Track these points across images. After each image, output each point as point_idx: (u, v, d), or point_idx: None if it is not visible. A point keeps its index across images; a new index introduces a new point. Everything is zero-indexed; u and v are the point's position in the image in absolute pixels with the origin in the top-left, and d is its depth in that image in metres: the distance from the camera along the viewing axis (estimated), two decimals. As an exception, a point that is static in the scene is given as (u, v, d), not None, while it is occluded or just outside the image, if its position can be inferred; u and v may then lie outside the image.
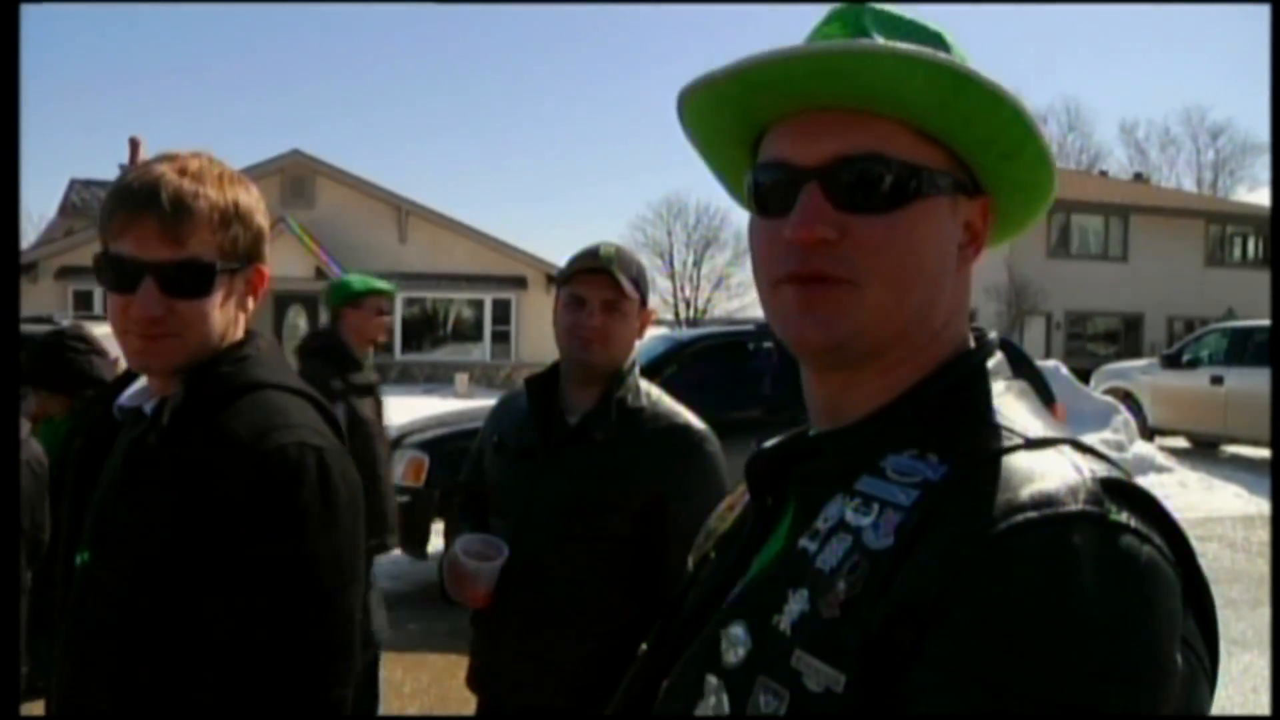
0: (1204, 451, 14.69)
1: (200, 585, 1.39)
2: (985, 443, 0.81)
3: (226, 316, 1.53)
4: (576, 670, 2.17)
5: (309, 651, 1.41)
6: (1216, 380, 13.98)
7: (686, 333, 9.76)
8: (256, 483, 1.40)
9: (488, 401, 4.58)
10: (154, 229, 1.43)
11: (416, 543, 7.00)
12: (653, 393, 2.34)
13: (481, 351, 28.32)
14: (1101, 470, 0.77)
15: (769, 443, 1.00)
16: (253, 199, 1.54)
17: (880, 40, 0.86)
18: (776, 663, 0.78)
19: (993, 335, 0.96)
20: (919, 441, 0.84)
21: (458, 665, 2.54)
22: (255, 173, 24.52)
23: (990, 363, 0.92)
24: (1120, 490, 0.75)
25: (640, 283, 2.31)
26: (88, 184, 33.70)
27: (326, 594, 1.43)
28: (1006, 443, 0.80)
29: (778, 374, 7.79)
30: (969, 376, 0.90)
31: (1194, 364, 14.63)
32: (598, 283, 2.25)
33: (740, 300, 48.61)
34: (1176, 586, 0.73)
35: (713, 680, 0.84)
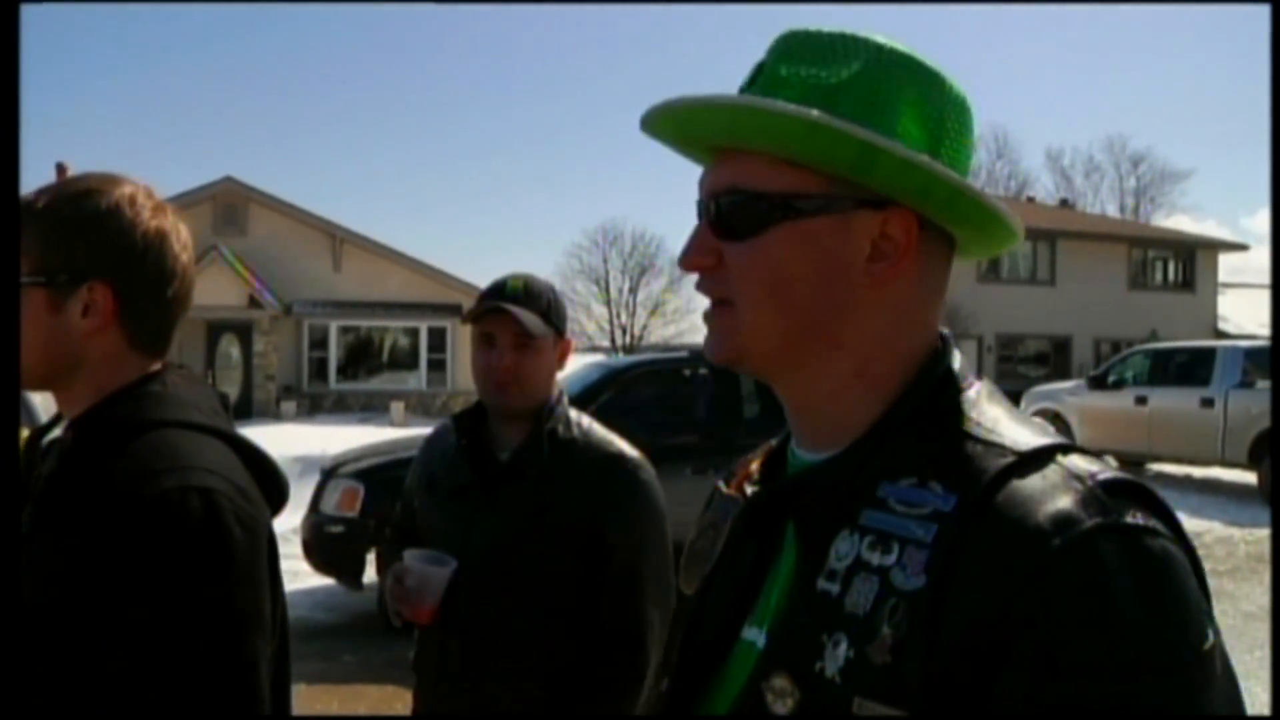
0: (1130, 470, 14.78)
1: (84, 643, 1.29)
2: (984, 464, 0.83)
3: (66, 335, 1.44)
4: (520, 712, 2.13)
5: (206, 705, 1.30)
6: (1140, 400, 14.33)
7: (622, 359, 9.80)
8: (133, 532, 1.29)
9: (424, 430, 4.55)
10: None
11: (352, 573, 6.93)
12: (583, 422, 2.30)
13: (417, 380, 28.09)
14: (1098, 472, 0.82)
15: (752, 463, 1.05)
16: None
17: (749, 93, 0.93)
18: (835, 711, 0.81)
19: (946, 331, 0.98)
20: (913, 468, 0.86)
21: (394, 697, 2.52)
22: (187, 200, 24.14)
23: (956, 364, 0.94)
24: (1120, 489, 0.81)
25: (553, 314, 2.25)
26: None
27: (221, 645, 1.32)
28: (1003, 460, 0.83)
29: (712, 400, 7.87)
30: (937, 390, 0.92)
31: (1119, 385, 14.96)
32: (505, 320, 2.19)
33: (676, 326, 48.66)
34: (1188, 564, 0.79)
35: None
